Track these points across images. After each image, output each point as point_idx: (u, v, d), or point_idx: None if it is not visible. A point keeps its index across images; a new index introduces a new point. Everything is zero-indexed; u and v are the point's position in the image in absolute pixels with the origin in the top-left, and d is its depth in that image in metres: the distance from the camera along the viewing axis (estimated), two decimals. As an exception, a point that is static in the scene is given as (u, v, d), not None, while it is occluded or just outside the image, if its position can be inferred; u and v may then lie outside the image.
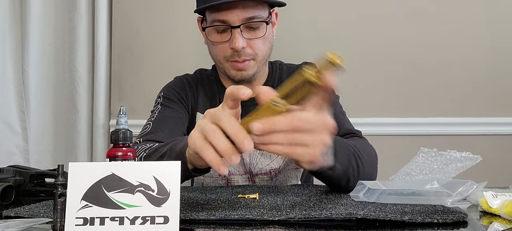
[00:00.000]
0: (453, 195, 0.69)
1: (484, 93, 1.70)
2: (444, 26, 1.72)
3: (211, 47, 1.12)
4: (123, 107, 0.67)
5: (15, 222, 0.61)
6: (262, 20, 1.06)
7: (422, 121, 1.70)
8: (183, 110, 1.14)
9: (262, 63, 1.11)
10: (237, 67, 1.07)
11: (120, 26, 1.80)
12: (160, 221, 0.52)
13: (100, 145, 1.75)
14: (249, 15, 1.04)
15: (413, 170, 0.81)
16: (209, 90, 1.18)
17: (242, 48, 1.05)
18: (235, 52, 1.06)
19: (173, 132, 1.08)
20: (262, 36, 1.07)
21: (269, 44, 1.11)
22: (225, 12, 1.04)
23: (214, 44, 1.09)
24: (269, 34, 1.11)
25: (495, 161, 1.59)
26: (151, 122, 1.08)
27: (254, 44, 1.07)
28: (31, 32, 1.75)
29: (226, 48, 1.07)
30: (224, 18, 1.04)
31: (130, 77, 1.79)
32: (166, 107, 1.12)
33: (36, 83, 1.78)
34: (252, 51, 1.07)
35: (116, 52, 1.80)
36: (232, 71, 1.09)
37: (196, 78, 1.21)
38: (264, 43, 1.09)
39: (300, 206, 0.69)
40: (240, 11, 1.03)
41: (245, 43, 1.05)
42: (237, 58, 1.06)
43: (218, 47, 1.09)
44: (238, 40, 1.04)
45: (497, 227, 0.62)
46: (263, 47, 1.09)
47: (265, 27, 1.07)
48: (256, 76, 1.13)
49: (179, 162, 0.55)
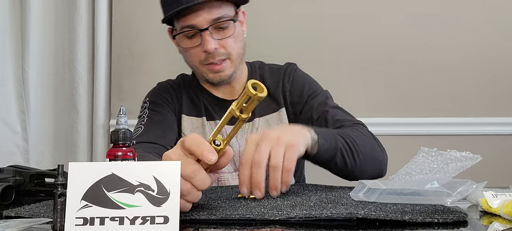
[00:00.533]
0: (453, 194, 0.69)
1: (484, 93, 1.70)
2: (444, 26, 1.72)
3: (185, 55, 1.13)
4: (123, 107, 0.67)
5: (15, 222, 0.61)
6: (229, 18, 1.07)
7: (422, 121, 1.70)
8: (171, 113, 1.15)
9: (238, 62, 1.12)
10: (214, 69, 1.08)
11: (120, 26, 1.80)
12: (160, 221, 0.52)
13: (100, 145, 1.75)
14: (215, 16, 1.05)
15: (413, 169, 0.81)
16: (192, 93, 1.18)
17: (214, 50, 1.06)
18: (209, 55, 1.07)
19: (166, 133, 1.08)
20: (232, 35, 1.08)
21: (241, 42, 1.12)
22: (191, 16, 1.04)
23: (187, 51, 1.10)
24: (239, 32, 1.11)
25: (495, 160, 1.59)
26: (142, 126, 1.08)
27: (226, 44, 1.08)
28: (31, 32, 1.75)
29: (199, 52, 1.08)
30: (192, 22, 1.05)
31: (130, 77, 1.79)
32: (154, 112, 1.12)
33: (36, 83, 1.78)
34: (225, 51, 1.08)
35: (116, 52, 1.80)
36: (210, 75, 1.10)
37: (178, 82, 1.22)
38: (235, 42, 1.09)
39: (301, 205, 0.69)
40: (206, 13, 1.04)
41: (217, 44, 1.06)
42: (212, 60, 1.07)
43: (191, 53, 1.10)
44: (209, 43, 1.05)
45: (497, 227, 0.62)
46: (235, 46, 1.09)
47: (233, 25, 1.08)
48: (235, 76, 1.13)
49: (179, 162, 0.55)
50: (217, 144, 0.62)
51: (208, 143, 0.61)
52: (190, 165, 0.60)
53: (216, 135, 0.62)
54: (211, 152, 0.60)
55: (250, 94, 0.56)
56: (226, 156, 0.64)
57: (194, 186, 0.61)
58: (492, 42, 1.70)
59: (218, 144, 0.62)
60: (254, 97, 0.57)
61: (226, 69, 1.09)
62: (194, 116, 1.16)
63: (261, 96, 0.58)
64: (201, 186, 0.61)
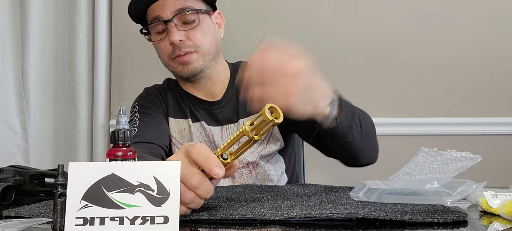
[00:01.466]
0: (453, 194, 0.69)
1: (484, 93, 1.70)
2: (444, 26, 1.72)
3: (157, 51, 1.14)
4: (123, 107, 0.67)
5: (15, 222, 0.61)
6: (194, 9, 1.07)
7: (422, 121, 1.70)
8: (161, 115, 1.15)
9: (208, 57, 1.10)
10: (181, 61, 1.08)
11: (120, 26, 1.80)
12: (160, 221, 0.52)
13: (100, 145, 1.75)
14: (179, 7, 1.06)
15: (413, 169, 0.81)
16: (178, 96, 1.18)
17: (179, 41, 1.05)
18: (175, 47, 1.06)
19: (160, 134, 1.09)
20: (199, 26, 1.07)
21: (212, 38, 1.11)
22: (156, 7, 1.07)
23: (157, 44, 1.11)
24: (209, 28, 1.11)
25: (495, 161, 1.59)
26: (135, 128, 1.08)
27: (193, 36, 1.07)
28: (31, 32, 1.75)
29: (167, 46, 1.08)
30: (157, 13, 1.07)
31: (130, 77, 1.79)
32: (145, 115, 1.12)
33: (36, 83, 1.78)
34: (193, 43, 1.07)
35: (116, 52, 1.80)
36: (179, 68, 1.09)
37: (164, 86, 1.23)
38: (204, 36, 1.09)
39: (301, 205, 0.69)
40: (171, 3, 1.06)
41: (183, 35, 1.06)
42: (178, 52, 1.07)
43: (160, 47, 1.10)
44: (174, 34, 1.05)
45: (497, 227, 0.62)
46: (204, 40, 1.09)
47: (199, 18, 1.08)
48: (210, 72, 1.12)
49: (179, 162, 0.55)
50: (224, 157, 0.62)
51: (216, 157, 0.61)
52: (195, 175, 0.60)
53: (225, 150, 0.62)
54: (218, 167, 0.60)
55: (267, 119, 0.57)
56: (231, 169, 0.65)
57: (198, 195, 0.61)
58: (492, 41, 1.70)
59: (225, 157, 0.62)
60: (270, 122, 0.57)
61: (193, 62, 1.08)
62: (180, 118, 1.16)
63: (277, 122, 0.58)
64: (205, 195, 0.62)
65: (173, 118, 1.16)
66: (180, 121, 1.16)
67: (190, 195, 0.60)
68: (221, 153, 0.62)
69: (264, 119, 0.57)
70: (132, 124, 1.11)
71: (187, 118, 1.15)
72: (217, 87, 1.16)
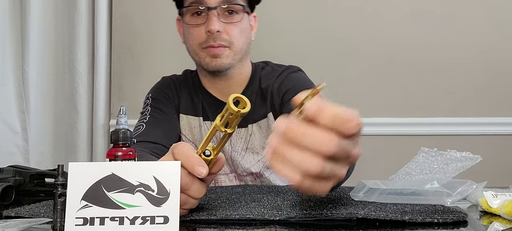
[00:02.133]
0: (453, 194, 0.69)
1: (484, 94, 1.70)
2: (444, 26, 1.72)
3: (187, 37, 1.08)
4: (123, 107, 0.67)
5: (15, 222, 0.61)
6: (240, 4, 1.05)
7: (422, 121, 1.70)
8: (173, 111, 1.13)
9: (238, 56, 1.07)
10: (212, 52, 1.04)
11: (120, 26, 1.80)
12: (160, 221, 0.52)
13: (100, 145, 1.75)
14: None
15: (413, 169, 0.81)
16: (192, 91, 1.16)
17: (217, 32, 1.01)
18: (210, 36, 1.02)
19: (167, 133, 1.07)
20: (239, 23, 1.05)
21: (246, 38, 1.08)
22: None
23: (189, 30, 1.06)
24: (247, 27, 1.09)
25: (495, 161, 1.59)
26: (143, 124, 1.06)
27: (230, 31, 1.04)
28: (31, 32, 1.75)
29: (201, 33, 1.03)
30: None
31: (130, 78, 1.79)
32: (157, 110, 1.11)
33: (36, 83, 1.78)
34: (228, 38, 1.04)
35: (116, 52, 1.80)
36: (207, 59, 1.05)
37: (181, 78, 1.19)
38: (241, 34, 1.06)
39: (301, 205, 0.69)
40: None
41: (222, 27, 1.02)
42: (212, 42, 1.03)
43: (193, 33, 1.05)
44: (214, 22, 1.01)
45: (497, 227, 0.62)
46: (240, 37, 1.06)
47: (242, 15, 1.06)
48: (233, 72, 1.09)
49: (179, 162, 0.55)
50: (207, 154, 0.61)
51: (197, 156, 0.60)
52: (182, 177, 0.58)
53: (204, 148, 0.61)
54: (200, 166, 0.58)
55: (232, 111, 0.55)
56: (217, 164, 0.63)
57: (190, 196, 0.60)
58: (493, 42, 1.70)
59: (208, 154, 0.61)
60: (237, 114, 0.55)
61: (224, 57, 1.04)
62: (191, 115, 1.14)
63: (244, 113, 0.55)
64: (196, 195, 0.61)
65: (184, 114, 1.14)
66: (191, 118, 1.14)
67: (182, 197, 0.59)
68: (202, 151, 0.61)
69: (230, 111, 0.56)
70: (142, 116, 1.09)
71: (199, 116, 1.13)
72: (235, 88, 1.13)
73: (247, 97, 0.56)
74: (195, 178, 0.60)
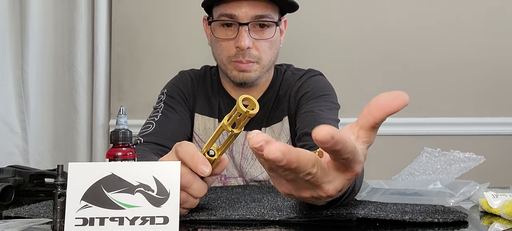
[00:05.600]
0: (456, 195, 0.69)
1: (487, 93, 1.70)
2: (445, 26, 1.71)
3: (215, 46, 1.07)
4: (123, 107, 0.67)
5: (15, 222, 0.61)
6: (272, 20, 1.03)
7: (425, 121, 1.70)
8: (185, 111, 1.11)
9: (266, 69, 1.06)
10: (240, 68, 1.03)
11: (120, 26, 1.80)
12: (160, 221, 0.52)
13: (100, 145, 1.75)
14: (259, 13, 1.00)
15: (416, 170, 0.81)
16: (210, 89, 1.14)
17: (247, 48, 1.00)
18: (240, 52, 1.01)
19: (176, 135, 1.05)
20: (270, 38, 1.03)
21: (276, 50, 1.07)
22: (234, 6, 1.00)
23: (219, 42, 1.04)
24: (277, 39, 1.07)
25: (496, 161, 1.59)
26: (153, 122, 1.04)
27: (260, 46, 1.03)
28: (31, 32, 1.75)
29: (230, 46, 1.03)
30: (233, 12, 1.00)
31: (130, 77, 1.79)
32: (169, 108, 1.09)
33: (36, 83, 1.77)
34: (258, 54, 1.03)
35: (116, 52, 1.80)
36: (234, 72, 1.04)
37: (199, 75, 1.17)
38: (270, 48, 1.05)
39: (301, 206, 0.68)
40: (250, 8, 1.00)
41: (251, 43, 1.01)
42: (241, 58, 1.02)
43: (222, 45, 1.04)
44: (244, 38, 0.99)
45: (498, 227, 0.62)
46: (269, 52, 1.05)
47: (274, 29, 1.04)
48: (258, 81, 1.09)
49: (179, 162, 0.55)
50: (211, 154, 0.61)
51: (201, 155, 0.60)
52: (185, 175, 0.59)
53: (208, 147, 0.61)
54: (204, 165, 0.58)
55: (241, 111, 0.55)
56: (220, 165, 0.63)
57: (190, 195, 0.60)
58: (497, 42, 1.70)
59: (212, 154, 0.61)
60: (245, 115, 0.56)
61: (251, 71, 1.04)
62: (206, 115, 1.12)
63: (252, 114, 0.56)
64: (197, 194, 0.61)
65: (200, 114, 1.12)
66: (206, 118, 1.12)
67: (182, 195, 0.59)
68: (207, 150, 0.61)
69: (239, 111, 0.56)
70: (154, 112, 1.08)
71: (214, 117, 1.12)
72: (255, 92, 1.11)
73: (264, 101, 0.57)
74: (197, 177, 0.60)
